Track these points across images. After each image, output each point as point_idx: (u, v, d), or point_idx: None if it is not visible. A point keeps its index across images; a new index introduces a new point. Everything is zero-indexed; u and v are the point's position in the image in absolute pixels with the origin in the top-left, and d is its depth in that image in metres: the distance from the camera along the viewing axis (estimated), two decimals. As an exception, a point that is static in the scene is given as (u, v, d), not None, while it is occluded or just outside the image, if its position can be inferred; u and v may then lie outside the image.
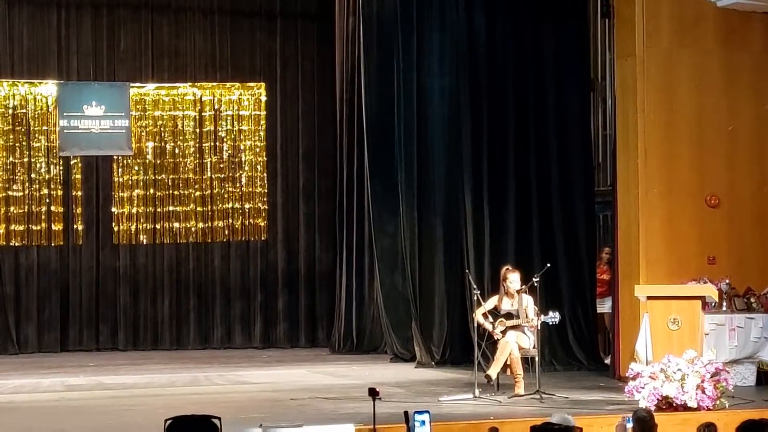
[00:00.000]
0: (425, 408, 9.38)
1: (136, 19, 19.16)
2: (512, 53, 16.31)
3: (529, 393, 12.88)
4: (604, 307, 16.39)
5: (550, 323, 13.30)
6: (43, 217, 18.73)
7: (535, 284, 13.22)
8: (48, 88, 18.72)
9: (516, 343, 13.09)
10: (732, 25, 14.97)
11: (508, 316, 13.22)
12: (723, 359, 13.04)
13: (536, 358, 13.18)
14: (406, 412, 7.57)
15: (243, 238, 19.51)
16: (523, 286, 13.27)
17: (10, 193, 18.63)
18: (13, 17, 18.66)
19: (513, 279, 13.30)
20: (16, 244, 18.69)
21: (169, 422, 4.33)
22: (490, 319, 13.24)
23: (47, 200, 18.75)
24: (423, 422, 7.57)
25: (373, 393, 9.53)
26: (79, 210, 18.90)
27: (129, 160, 19.09)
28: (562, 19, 16.40)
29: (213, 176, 19.35)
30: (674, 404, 11.75)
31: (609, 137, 17.10)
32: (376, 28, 17.26)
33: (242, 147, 19.43)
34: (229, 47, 19.51)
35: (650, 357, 12.68)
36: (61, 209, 18.80)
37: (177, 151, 19.24)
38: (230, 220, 19.41)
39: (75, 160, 18.92)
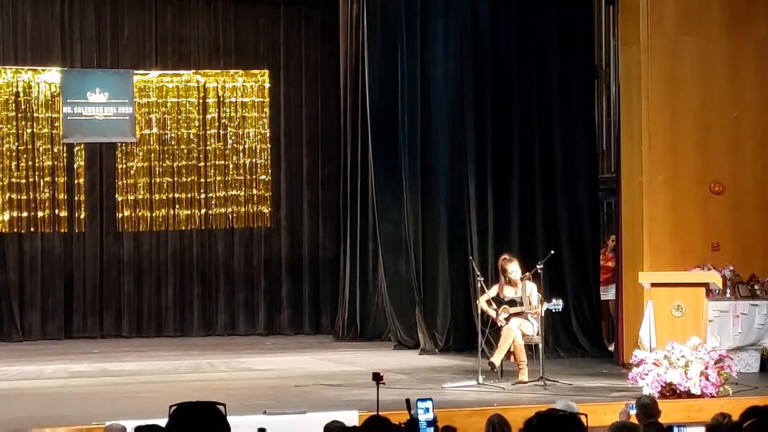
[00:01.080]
0: (428, 395, 9.38)
1: (139, 6, 19.13)
2: (516, 40, 16.29)
3: (532, 380, 12.90)
4: (608, 294, 16.39)
5: (554, 311, 13.29)
6: (46, 204, 18.74)
7: (539, 271, 13.21)
8: (51, 75, 18.71)
9: (519, 330, 13.10)
10: (736, 13, 14.95)
11: (512, 303, 13.22)
12: (727, 346, 13.04)
13: (540, 345, 13.18)
14: (407, 400, 7.54)
15: (246, 225, 19.50)
16: (527, 273, 13.27)
17: (13, 180, 18.62)
18: (16, 4, 18.63)
19: (512, 269, 13.29)
20: (20, 231, 18.69)
21: (173, 408, 4.33)
22: (494, 306, 13.25)
23: (51, 187, 18.75)
24: (426, 409, 7.55)
25: (376, 378, 9.53)
26: (82, 197, 18.90)
27: (132, 147, 19.08)
28: (566, 6, 16.38)
29: (216, 163, 19.32)
30: (678, 391, 11.76)
31: (613, 124, 17.09)
32: (380, 14, 17.24)
33: (246, 134, 19.41)
34: (232, 34, 19.48)
35: (654, 344, 12.69)
36: (64, 196, 18.79)
37: (180, 138, 19.22)
38: (234, 207, 19.41)
39: (78, 147, 18.90)
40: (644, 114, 14.60)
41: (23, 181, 18.66)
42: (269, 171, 19.51)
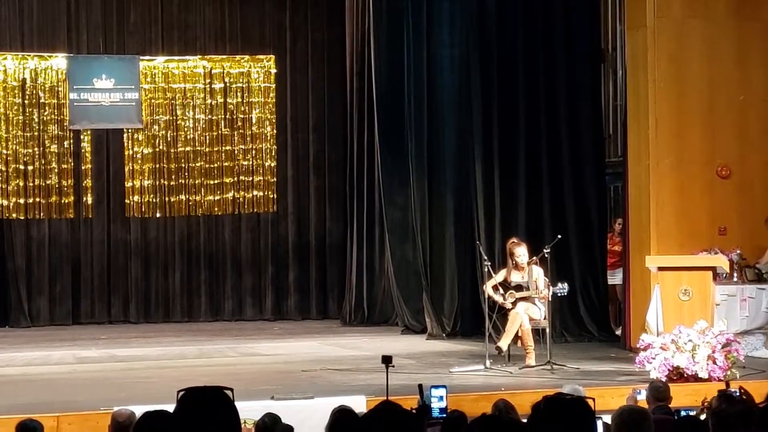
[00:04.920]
0: (436, 379, 9.40)
1: (145, -9, 19.15)
2: (522, 23, 16.25)
3: (540, 364, 12.91)
4: (615, 278, 16.38)
5: (559, 294, 13.32)
6: (53, 190, 18.75)
7: (546, 256, 13.22)
8: (58, 62, 18.71)
9: (527, 315, 13.11)
10: (743, -5, 14.92)
11: (519, 287, 13.23)
12: (734, 330, 13.05)
13: (547, 330, 13.20)
14: (420, 386, 7.51)
15: (253, 211, 19.50)
16: (534, 258, 13.27)
17: (20, 166, 18.64)
18: (22, -10, 18.65)
19: (520, 253, 13.29)
20: (28, 218, 18.70)
21: (181, 393, 4.34)
22: (501, 291, 13.25)
23: (58, 173, 18.75)
24: (441, 397, 7.52)
25: (386, 360, 9.52)
26: (89, 183, 18.91)
27: (139, 133, 19.09)
28: (572, -10, 16.35)
29: (223, 149, 19.33)
30: (685, 375, 11.77)
31: (620, 108, 17.06)
32: (386, -1, 17.23)
33: (252, 119, 19.40)
34: (238, 19, 19.46)
35: (661, 328, 12.69)
36: (71, 182, 18.80)
37: (187, 123, 19.22)
38: (240, 193, 19.41)
39: (85, 133, 18.92)
40: (651, 97, 14.58)
41: (30, 167, 18.67)
42: (276, 156, 19.51)
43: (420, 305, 16.84)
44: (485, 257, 13.67)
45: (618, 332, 15.77)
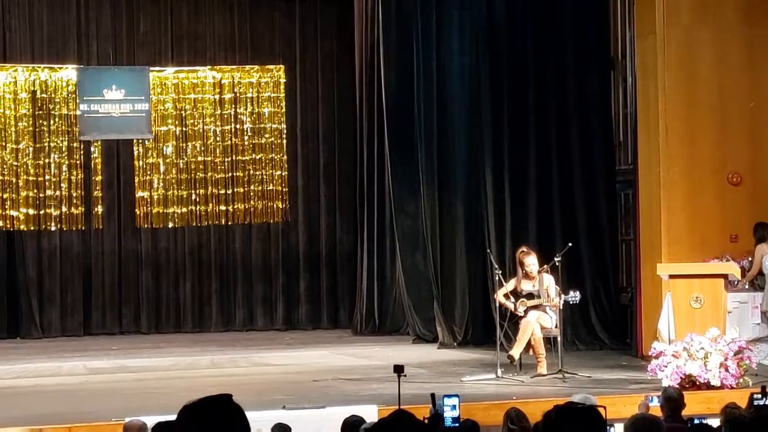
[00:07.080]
0: (448, 388, 9.37)
1: (155, 3, 19.15)
2: (532, 32, 16.25)
3: (551, 373, 12.89)
4: None
5: (571, 302, 13.30)
6: (64, 201, 18.77)
7: (557, 264, 13.20)
8: (68, 73, 18.73)
9: (538, 323, 13.09)
10: (753, 2, 14.89)
11: (530, 296, 13.21)
12: (746, 337, 13.01)
13: (558, 338, 13.18)
14: (432, 395, 7.49)
15: (264, 221, 19.50)
16: (544, 266, 13.26)
17: (31, 177, 18.66)
18: (32, 1, 18.66)
19: (530, 262, 13.27)
20: (39, 229, 18.72)
21: (191, 404, 4.32)
22: (512, 299, 13.24)
23: (68, 184, 18.76)
24: (453, 406, 7.49)
25: (398, 370, 9.50)
26: (100, 194, 18.92)
27: (149, 144, 19.10)
28: (581, -3, 16.35)
29: (233, 159, 19.33)
30: (697, 383, 11.74)
31: (630, 116, 17.02)
32: (395, 7, 17.23)
33: (262, 129, 19.40)
34: (248, 30, 19.49)
35: (673, 336, 12.66)
36: (82, 193, 18.81)
37: (197, 134, 19.22)
38: (251, 203, 19.41)
39: (95, 144, 18.94)
40: (661, 105, 14.56)
41: (41, 178, 18.69)
42: (286, 166, 19.50)
43: (431, 314, 16.82)
44: (496, 266, 13.66)
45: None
